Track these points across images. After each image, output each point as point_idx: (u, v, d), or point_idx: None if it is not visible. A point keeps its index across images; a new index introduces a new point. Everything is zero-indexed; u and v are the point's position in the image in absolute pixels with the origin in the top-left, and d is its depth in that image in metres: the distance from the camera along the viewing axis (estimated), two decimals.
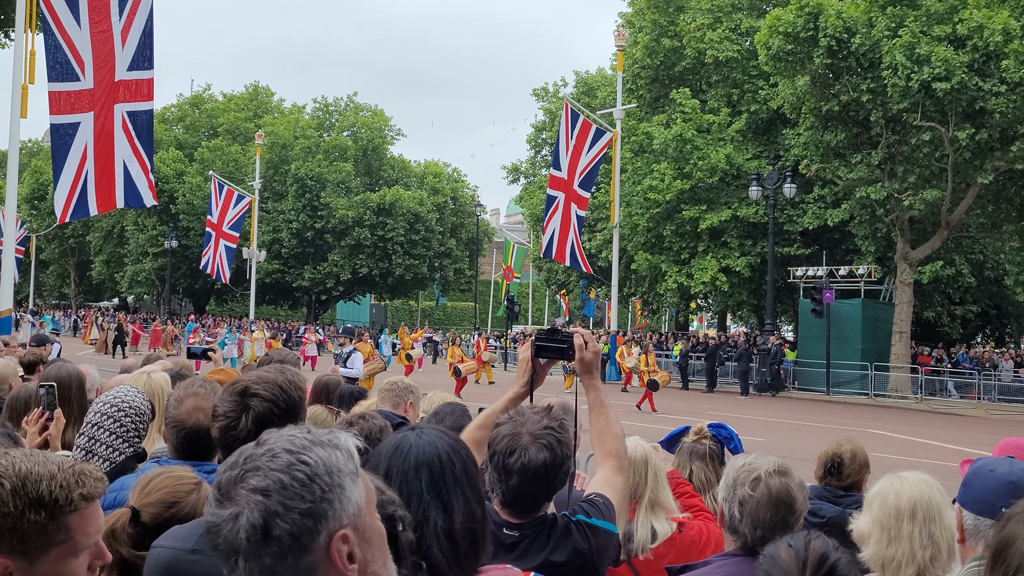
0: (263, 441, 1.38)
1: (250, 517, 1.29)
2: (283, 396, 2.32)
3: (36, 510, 1.62)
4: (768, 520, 2.72)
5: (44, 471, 1.66)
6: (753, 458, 2.89)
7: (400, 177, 64.03)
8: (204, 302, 68.27)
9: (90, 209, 15.92)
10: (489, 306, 74.89)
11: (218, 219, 46.80)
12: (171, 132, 65.75)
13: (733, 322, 53.53)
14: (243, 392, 2.30)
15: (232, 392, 2.32)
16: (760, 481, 2.76)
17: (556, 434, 2.48)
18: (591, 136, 34.58)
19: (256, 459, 1.34)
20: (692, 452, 4.29)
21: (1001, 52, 26.60)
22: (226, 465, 1.37)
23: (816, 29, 29.15)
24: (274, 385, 2.32)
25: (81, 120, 15.34)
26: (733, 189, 36.41)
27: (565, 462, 2.48)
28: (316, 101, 67.24)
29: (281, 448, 1.35)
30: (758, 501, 2.73)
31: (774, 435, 18.81)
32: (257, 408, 2.27)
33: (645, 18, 41.27)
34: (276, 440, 1.37)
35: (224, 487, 1.33)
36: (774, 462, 2.84)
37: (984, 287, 38.10)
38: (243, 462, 1.35)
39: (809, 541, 2.29)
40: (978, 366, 33.57)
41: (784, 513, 2.74)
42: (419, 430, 2.07)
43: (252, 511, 1.29)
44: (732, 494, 2.81)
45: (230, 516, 1.29)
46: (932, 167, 29.70)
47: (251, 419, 2.26)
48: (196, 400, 2.90)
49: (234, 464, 1.35)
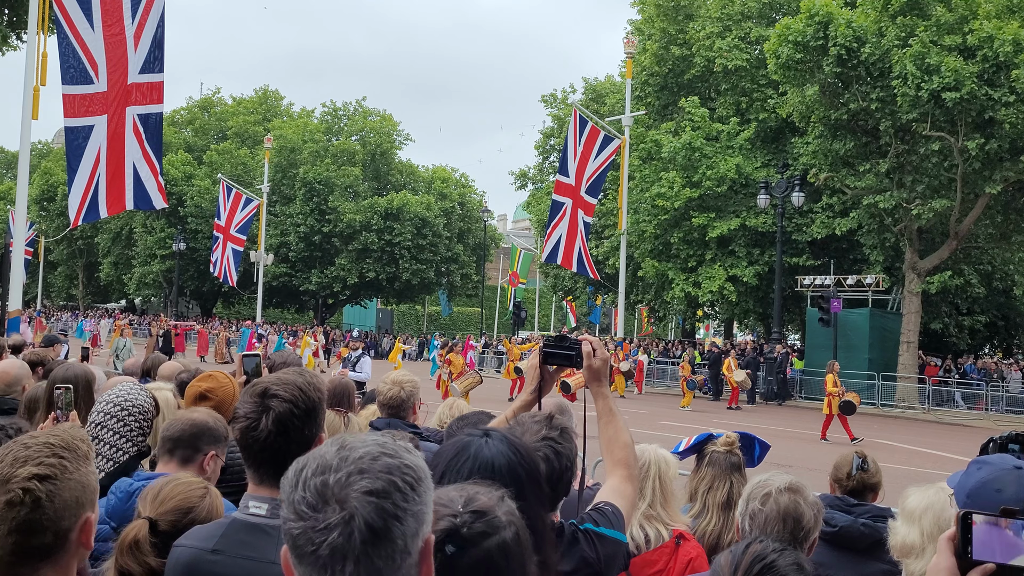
0: (349, 446, 1.36)
1: (369, 519, 1.28)
2: (303, 397, 2.33)
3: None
4: (776, 534, 2.75)
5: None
6: (769, 475, 2.97)
7: (408, 182, 64.18)
8: (211, 305, 68.45)
9: (101, 211, 15.98)
10: (496, 311, 74.91)
11: (226, 222, 46.97)
12: (180, 135, 66.02)
13: (740, 330, 53.45)
14: (263, 393, 2.31)
15: (252, 393, 2.33)
16: (770, 497, 2.85)
17: (555, 445, 2.44)
18: (599, 142, 34.62)
19: (355, 462, 1.33)
20: (731, 465, 4.10)
21: (1011, 62, 26.57)
22: (310, 470, 1.33)
23: (826, 38, 29.15)
24: (294, 386, 2.33)
25: (95, 123, 15.41)
26: (741, 198, 36.39)
27: (565, 473, 2.44)
28: (325, 105, 67.56)
29: (378, 452, 1.36)
30: (767, 516, 2.82)
31: (780, 444, 18.75)
32: (277, 409, 2.28)
33: (654, 26, 41.32)
34: (365, 444, 1.37)
35: (323, 491, 1.31)
36: (787, 480, 2.91)
37: (992, 298, 37.97)
38: (339, 465, 1.33)
39: (749, 544, 2.28)
40: (986, 377, 33.44)
41: (792, 528, 2.80)
42: (487, 436, 2.04)
43: (370, 513, 1.28)
44: (745, 508, 2.91)
45: (340, 520, 1.28)
46: (941, 177, 29.65)
47: (272, 420, 2.27)
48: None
49: (324, 467, 1.33)
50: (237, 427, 2.30)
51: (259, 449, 2.29)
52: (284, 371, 2.49)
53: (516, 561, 1.60)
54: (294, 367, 2.73)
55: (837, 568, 3.89)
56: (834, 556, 3.92)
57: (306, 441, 2.32)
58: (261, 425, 2.26)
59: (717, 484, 4.03)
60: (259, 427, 2.26)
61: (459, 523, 1.57)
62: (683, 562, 3.45)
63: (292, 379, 2.37)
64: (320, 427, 2.41)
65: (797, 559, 2.24)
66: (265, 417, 2.27)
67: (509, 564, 1.58)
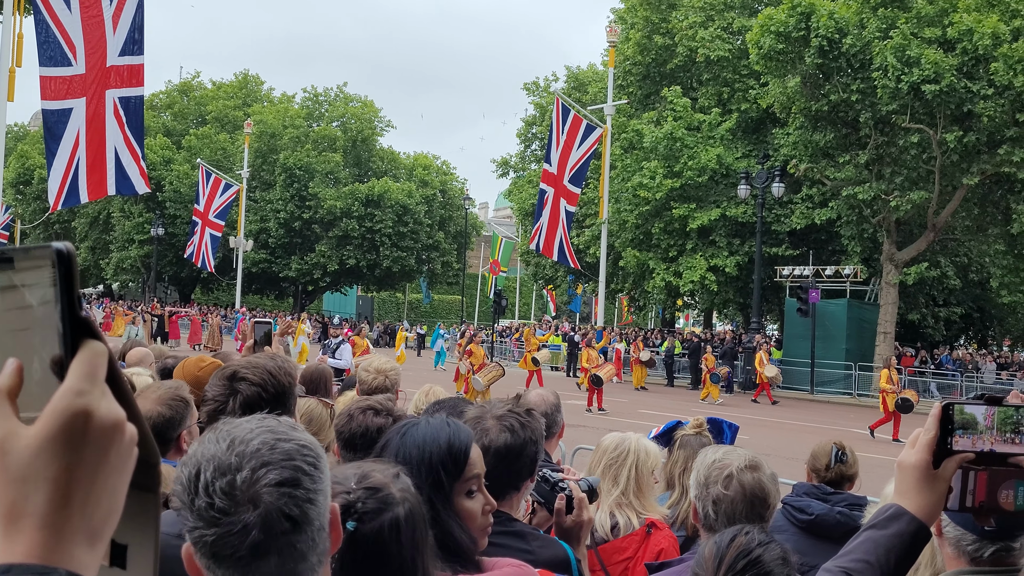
0: (240, 439, 1.32)
1: (286, 511, 1.27)
2: (272, 381, 2.31)
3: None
4: (743, 517, 2.71)
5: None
6: (723, 453, 2.86)
7: (389, 169, 63.91)
8: (190, 290, 67.99)
9: (82, 196, 15.79)
10: (476, 300, 74.85)
11: (204, 207, 46.58)
12: (159, 119, 65.35)
13: (719, 320, 53.70)
14: (232, 376, 2.29)
15: (221, 376, 2.31)
16: (733, 478, 2.75)
17: (520, 418, 2.49)
18: (582, 131, 34.57)
19: (254, 456, 1.29)
20: (703, 446, 4.18)
21: (990, 56, 26.75)
22: (209, 474, 1.28)
23: (808, 29, 29.23)
24: (263, 370, 2.32)
25: (73, 106, 15.20)
26: (722, 188, 36.49)
27: (528, 445, 2.47)
28: (306, 91, 67.10)
29: (273, 439, 1.33)
30: (732, 499, 2.73)
31: (758, 433, 18.88)
32: (245, 392, 2.27)
33: (637, 15, 41.29)
34: (254, 434, 1.33)
35: (231, 493, 1.27)
36: (744, 456, 2.82)
37: (968, 289, 38.34)
38: (238, 463, 1.29)
39: (734, 537, 2.26)
40: (961, 368, 33.78)
41: (759, 508, 2.75)
42: (426, 419, 2.06)
43: (286, 504, 1.27)
44: (705, 492, 2.78)
45: (257, 518, 1.25)
46: (919, 169, 29.85)
47: (239, 403, 2.25)
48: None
49: (224, 468, 1.28)
50: (205, 410, 2.28)
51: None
52: (256, 355, 2.46)
53: (409, 537, 1.62)
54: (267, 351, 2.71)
55: (812, 556, 3.89)
56: (809, 544, 3.93)
57: None
58: (228, 407, 2.25)
59: (691, 466, 4.02)
60: (226, 410, 2.24)
61: (352, 499, 1.60)
62: (653, 551, 3.45)
63: (262, 363, 2.35)
64: (291, 412, 2.38)
65: (783, 552, 2.22)
66: (233, 400, 2.25)
67: (401, 539, 1.61)
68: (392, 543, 1.60)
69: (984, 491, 1.58)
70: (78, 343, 0.78)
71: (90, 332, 0.79)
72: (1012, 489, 1.56)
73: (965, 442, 1.57)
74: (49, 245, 0.78)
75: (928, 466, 1.58)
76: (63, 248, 0.78)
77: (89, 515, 0.77)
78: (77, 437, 0.76)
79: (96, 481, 0.78)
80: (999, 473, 1.57)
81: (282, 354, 4.08)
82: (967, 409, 1.59)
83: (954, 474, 1.58)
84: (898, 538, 1.59)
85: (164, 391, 2.90)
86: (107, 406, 0.79)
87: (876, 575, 1.59)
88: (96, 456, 0.77)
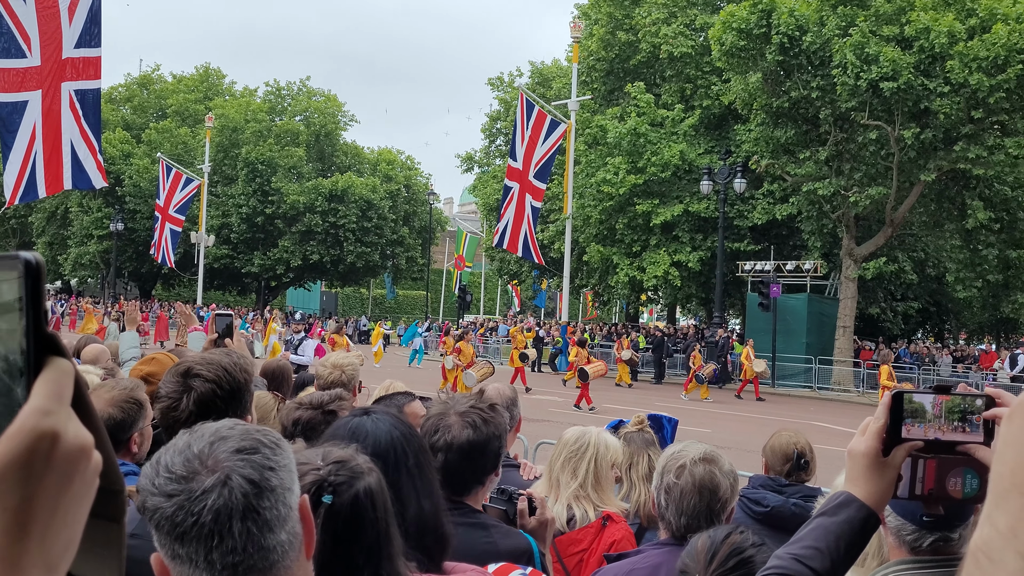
0: (198, 430, 1.34)
1: (245, 473, 1.26)
2: (227, 378, 2.29)
3: None
4: (692, 507, 2.72)
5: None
6: (683, 446, 2.88)
7: (353, 164, 63.51)
8: (151, 286, 67.11)
9: (39, 191, 15.50)
10: (441, 295, 74.70)
11: (165, 202, 46.03)
12: (118, 112, 64.38)
13: (682, 315, 54.08)
14: (186, 373, 2.27)
15: (175, 373, 2.29)
16: (685, 469, 2.76)
17: (483, 414, 2.51)
18: (546, 127, 34.64)
19: (213, 434, 1.31)
20: (645, 441, 4.33)
21: (946, 54, 27.18)
22: (168, 455, 1.30)
23: (769, 26, 29.50)
24: (218, 367, 2.29)
25: (29, 99, 14.92)
26: (685, 183, 36.75)
27: (492, 440, 2.49)
28: (268, 85, 66.37)
29: (231, 423, 1.35)
30: (682, 489, 2.74)
31: (720, 426, 19.06)
32: (200, 389, 2.25)
33: (601, 11, 41.43)
34: (213, 425, 1.35)
35: (190, 462, 1.27)
36: (701, 450, 2.83)
37: (925, 284, 38.95)
38: (197, 440, 1.31)
39: (729, 534, 2.30)
40: (918, 361, 34.32)
41: (708, 500, 2.74)
42: (374, 416, 2.07)
43: (245, 468, 1.26)
44: (660, 481, 2.81)
45: (216, 481, 1.25)
46: (878, 165, 30.28)
47: (193, 400, 2.23)
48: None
49: (183, 446, 1.30)
50: (158, 407, 2.26)
51: (180, 430, 2.24)
52: (212, 351, 2.45)
53: (382, 503, 1.66)
54: (223, 348, 2.69)
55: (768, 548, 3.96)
56: (765, 536, 3.97)
57: None
58: (182, 405, 2.23)
59: (636, 460, 4.22)
60: (180, 407, 2.23)
61: (324, 474, 1.62)
62: (607, 542, 3.48)
63: (217, 359, 2.33)
64: (246, 409, 2.37)
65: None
66: (186, 397, 2.23)
67: (376, 505, 1.64)
68: (369, 509, 1.62)
69: (933, 479, 1.60)
70: (42, 361, 0.73)
71: (56, 349, 0.75)
72: (960, 477, 1.60)
73: (916, 431, 1.60)
74: (17, 255, 0.73)
75: (878, 454, 1.61)
76: (31, 259, 0.73)
77: (48, 548, 0.71)
78: (40, 461, 0.71)
79: (57, 511, 0.72)
80: (947, 461, 1.59)
81: (242, 349, 4.05)
82: (916, 398, 1.62)
83: (903, 462, 1.62)
84: (848, 524, 1.61)
85: (117, 392, 2.86)
86: (74, 429, 0.73)
87: (826, 561, 1.61)
88: (59, 483, 0.72)
